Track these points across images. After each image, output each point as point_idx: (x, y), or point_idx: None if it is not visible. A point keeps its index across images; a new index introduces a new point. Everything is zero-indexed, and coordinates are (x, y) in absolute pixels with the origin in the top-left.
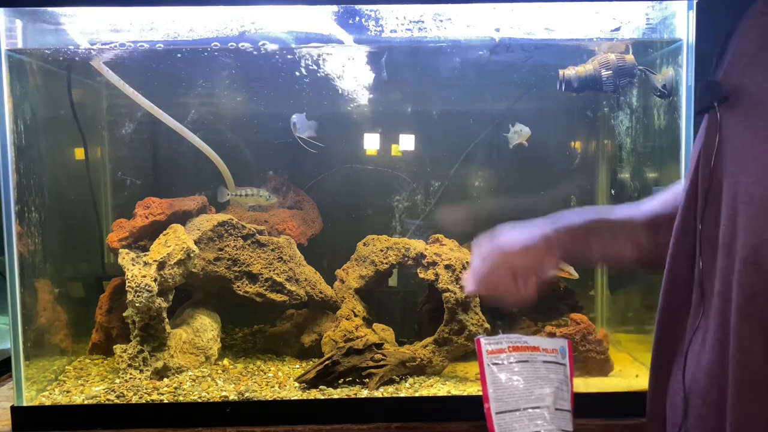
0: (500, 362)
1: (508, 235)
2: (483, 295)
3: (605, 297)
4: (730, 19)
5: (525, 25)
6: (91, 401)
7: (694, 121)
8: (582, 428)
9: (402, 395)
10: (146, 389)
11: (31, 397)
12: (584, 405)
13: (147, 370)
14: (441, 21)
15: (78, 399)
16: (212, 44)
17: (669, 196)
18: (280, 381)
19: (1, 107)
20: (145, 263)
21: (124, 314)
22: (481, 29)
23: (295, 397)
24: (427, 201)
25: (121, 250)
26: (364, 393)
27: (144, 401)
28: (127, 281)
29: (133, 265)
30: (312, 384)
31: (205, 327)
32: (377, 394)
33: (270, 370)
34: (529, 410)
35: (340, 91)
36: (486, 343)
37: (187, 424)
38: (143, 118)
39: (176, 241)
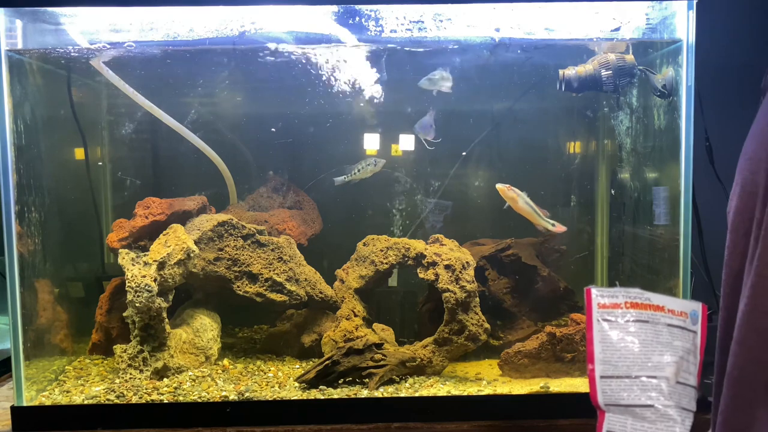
0: (613, 319)
1: None
2: None
3: None
4: (730, 19)
5: (525, 25)
6: (91, 401)
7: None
8: (583, 428)
9: (402, 395)
10: (146, 389)
11: (31, 397)
12: (584, 405)
13: (147, 370)
14: (441, 21)
15: (78, 399)
16: (213, 45)
17: None
18: (280, 381)
19: (1, 107)
20: (145, 263)
21: (124, 314)
22: (481, 29)
23: (295, 397)
24: (427, 201)
25: (121, 250)
26: (364, 393)
27: (144, 401)
28: (127, 281)
29: (133, 265)
30: (312, 384)
31: (205, 327)
32: (377, 394)
33: (270, 370)
34: (643, 379)
35: (339, 91)
36: (598, 295)
37: (187, 424)
38: (143, 118)
39: (176, 241)
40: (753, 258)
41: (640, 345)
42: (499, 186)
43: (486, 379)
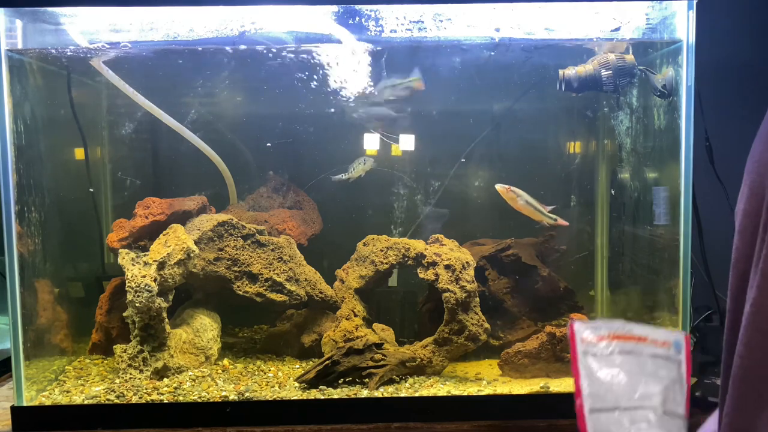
0: (598, 352)
1: None
2: None
3: (605, 297)
4: (730, 19)
5: (525, 25)
6: (91, 401)
7: None
8: None
9: (402, 395)
10: (146, 389)
11: (31, 397)
12: None
13: (147, 370)
14: (441, 21)
15: (78, 399)
16: (213, 45)
17: None
18: (280, 381)
19: (1, 107)
20: (145, 263)
21: (124, 314)
22: (481, 29)
23: (295, 397)
24: (427, 201)
25: (121, 250)
26: (364, 393)
27: (144, 401)
28: (127, 281)
29: (133, 265)
30: (312, 384)
31: (205, 327)
32: (377, 394)
33: (270, 370)
34: (631, 411)
35: (339, 91)
36: (581, 329)
37: (187, 424)
38: (143, 118)
39: (176, 241)
40: (759, 260)
41: (625, 376)
42: (498, 187)
43: (486, 379)
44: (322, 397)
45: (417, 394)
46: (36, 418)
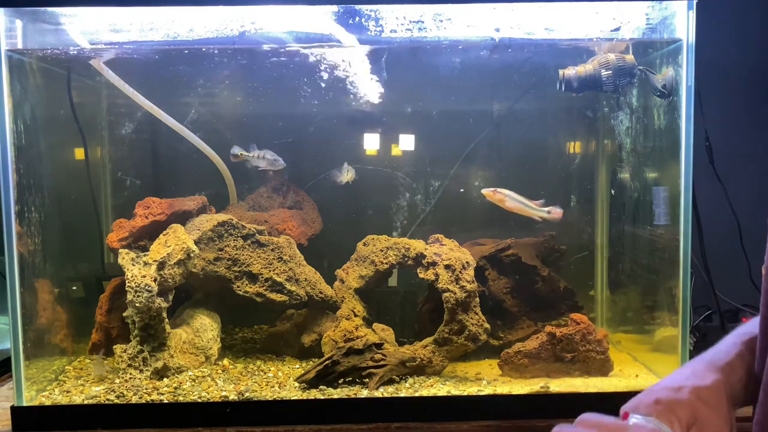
0: None
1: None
2: None
3: (605, 297)
4: (730, 18)
5: (525, 25)
6: (91, 401)
7: None
8: None
9: (402, 395)
10: (146, 389)
11: (31, 397)
12: (584, 405)
13: (147, 370)
14: (441, 21)
15: (78, 399)
16: (212, 45)
17: None
18: (280, 381)
19: (1, 107)
20: (145, 263)
21: (124, 314)
22: (481, 29)
23: (295, 397)
24: (427, 201)
25: (121, 250)
26: (364, 393)
27: (144, 401)
28: (127, 281)
29: (133, 265)
30: (312, 384)
31: (205, 327)
32: (377, 394)
33: (270, 370)
34: None
35: (339, 91)
36: None
37: (187, 424)
38: (143, 118)
39: (176, 241)
40: None
41: None
42: (484, 191)
43: (486, 379)
44: (322, 397)
45: (417, 394)
46: (36, 418)
